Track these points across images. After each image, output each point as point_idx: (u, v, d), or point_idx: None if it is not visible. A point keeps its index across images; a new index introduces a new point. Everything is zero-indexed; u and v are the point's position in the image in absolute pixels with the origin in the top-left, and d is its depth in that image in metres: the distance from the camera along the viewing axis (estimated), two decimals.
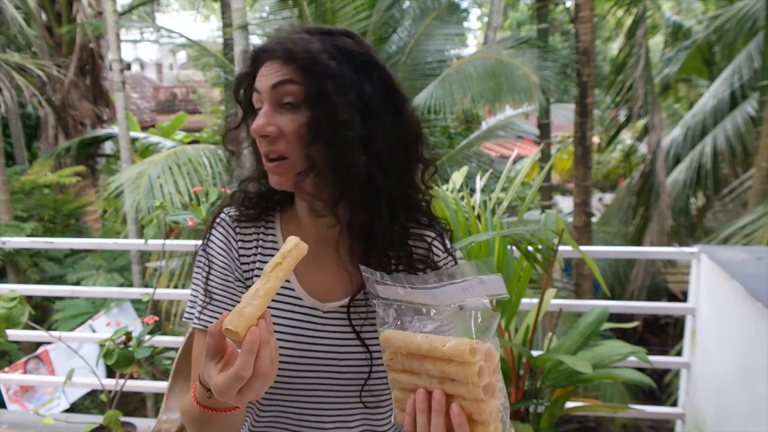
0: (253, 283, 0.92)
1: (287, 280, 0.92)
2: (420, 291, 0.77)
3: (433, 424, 0.71)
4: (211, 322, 0.89)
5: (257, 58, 0.88)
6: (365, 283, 0.80)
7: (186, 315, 0.95)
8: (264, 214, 0.97)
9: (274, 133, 0.84)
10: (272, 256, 0.92)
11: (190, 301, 0.96)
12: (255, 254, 0.94)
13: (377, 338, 0.91)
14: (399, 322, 0.78)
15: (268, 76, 0.85)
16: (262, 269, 0.91)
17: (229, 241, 0.94)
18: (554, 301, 2.29)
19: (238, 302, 0.90)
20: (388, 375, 0.78)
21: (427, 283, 0.77)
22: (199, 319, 0.92)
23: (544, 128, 6.07)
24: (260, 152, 0.88)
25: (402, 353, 0.74)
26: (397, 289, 0.78)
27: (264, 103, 0.86)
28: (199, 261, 0.95)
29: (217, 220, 0.97)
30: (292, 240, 0.75)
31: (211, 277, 0.92)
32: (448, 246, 0.99)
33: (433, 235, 0.98)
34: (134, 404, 5.54)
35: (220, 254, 0.93)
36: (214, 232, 0.96)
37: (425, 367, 0.72)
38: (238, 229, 0.95)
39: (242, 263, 0.94)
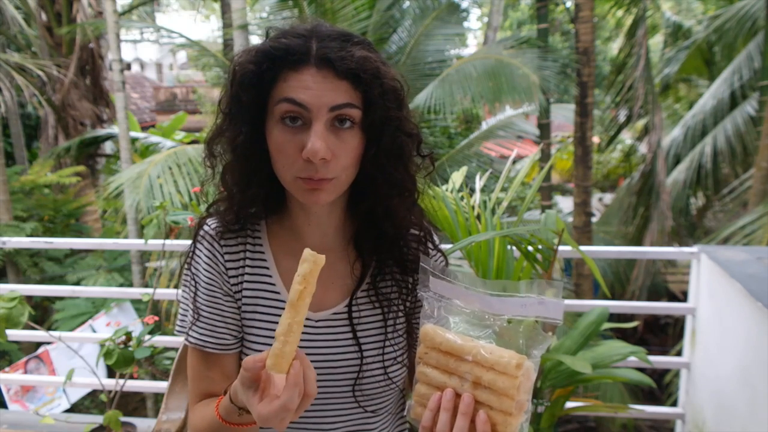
0: (242, 296, 0.92)
1: (277, 292, 0.92)
2: (478, 295, 0.76)
3: (458, 425, 0.71)
4: (202, 340, 0.90)
5: (284, 58, 0.79)
6: (421, 274, 0.79)
7: (177, 328, 0.95)
8: (248, 224, 0.93)
9: (330, 156, 0.79)
10: (260, 267, 0.92)
11: (181, 314, 0.95)
12: (243, 266, 0.92)
13: (369, 340, 0.92)
14: (445, 320, 0.77)
15: (320, 92, 0.77)
16: (250, 281, 0.91)
17: (214, 255, 0.91)
18: None
19: (227, 317, 0.91)
20: (417, 367, 0.77)
21: (489, 289, 0.76)
22: (188, 335, 0.92)
23: (544, 128, 6.06)
24: (289, 168, 0.81)
25: (440, 350, 0.74)
26: (454, 288, 0.77)
27: (314, 121, 0.78)
28: (186, 276, 0.94)
29: (201, 233, 0.93)
30: (309, 255, 0.70)
31: (197, 293, 0.91)
32: (437, 243, 1.00)
33: (423, 233, 0.98)
34: (134, 404, 5.54)
35: (205, 270, 0.91)
36: (198, 246, 0.93)
37: (461, 369, 0.72)
38: (222, 242, 0.92)
39: (230, 276, 0.92)
